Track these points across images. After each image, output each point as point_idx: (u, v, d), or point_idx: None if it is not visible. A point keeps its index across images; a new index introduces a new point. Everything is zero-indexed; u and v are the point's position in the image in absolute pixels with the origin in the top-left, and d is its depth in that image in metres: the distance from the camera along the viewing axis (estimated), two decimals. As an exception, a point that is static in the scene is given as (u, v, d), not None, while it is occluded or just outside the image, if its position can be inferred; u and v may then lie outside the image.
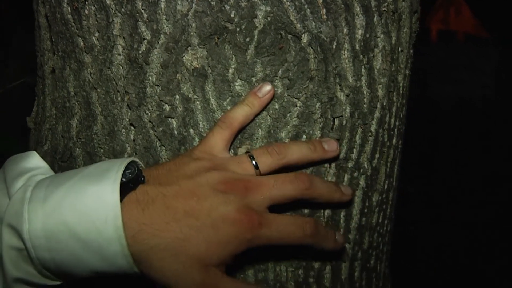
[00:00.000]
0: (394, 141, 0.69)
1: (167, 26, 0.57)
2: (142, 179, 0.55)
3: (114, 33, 0.59)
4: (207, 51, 0.58)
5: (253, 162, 0.57)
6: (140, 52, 0.58)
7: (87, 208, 0.50)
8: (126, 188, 0.53)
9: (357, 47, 0.61)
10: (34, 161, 0.58)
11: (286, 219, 0.56)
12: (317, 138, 0.62)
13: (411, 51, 0.71)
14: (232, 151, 0.61)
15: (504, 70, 4.41)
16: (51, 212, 0.50)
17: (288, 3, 0.57)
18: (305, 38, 0.58)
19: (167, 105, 0.59)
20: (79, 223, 0.50)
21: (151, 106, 0.60)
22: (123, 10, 0.58)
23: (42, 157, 0.59)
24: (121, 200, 0.51)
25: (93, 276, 0.54)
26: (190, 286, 0.55)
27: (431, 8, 4.53)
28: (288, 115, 0.60)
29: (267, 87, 0.59)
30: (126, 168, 0.54)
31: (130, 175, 0.54)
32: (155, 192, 0.54)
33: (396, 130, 0.69)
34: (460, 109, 4.54)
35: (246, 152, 0.59)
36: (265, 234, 0.54)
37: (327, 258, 0.67)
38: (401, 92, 0.69)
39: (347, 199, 0.62)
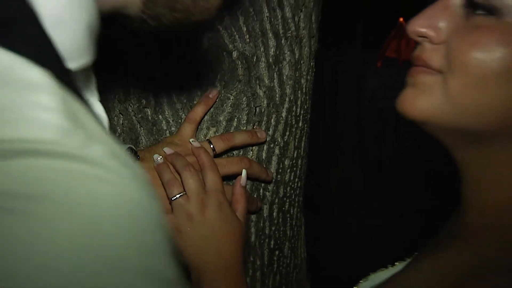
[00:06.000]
0: (300, 124, 1.00)
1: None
2: (138, 157, 0.83)
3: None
4: (170, 64, 0.88)
5: (211, 146, 0.87)
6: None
7: None
8: None
9: (270, 60, 0.92)
10: None
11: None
12: (250, 128, 0.92)
13: (312, 63, 1.02)
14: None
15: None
16: None
17: (223, 31, 0.88)
18: (235, 54, 0.89)
19: (144, 99, 0.89)
20: None
21: (133, 100, 0.89)
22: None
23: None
24: None
25: None
26: None
27: (386, 38, 5.10)
28: (224, 105, 0.90)
29: (215, 91, 0.89)
30: None
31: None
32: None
33: (301, 116, 1.00)
34: (401, 118, 5.08)
35: (207, 140, 0.89)
36: None
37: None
38: (304, 90, 1.00)
39: (270, 180, 0.93)
